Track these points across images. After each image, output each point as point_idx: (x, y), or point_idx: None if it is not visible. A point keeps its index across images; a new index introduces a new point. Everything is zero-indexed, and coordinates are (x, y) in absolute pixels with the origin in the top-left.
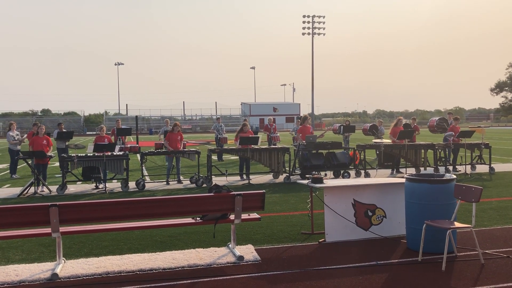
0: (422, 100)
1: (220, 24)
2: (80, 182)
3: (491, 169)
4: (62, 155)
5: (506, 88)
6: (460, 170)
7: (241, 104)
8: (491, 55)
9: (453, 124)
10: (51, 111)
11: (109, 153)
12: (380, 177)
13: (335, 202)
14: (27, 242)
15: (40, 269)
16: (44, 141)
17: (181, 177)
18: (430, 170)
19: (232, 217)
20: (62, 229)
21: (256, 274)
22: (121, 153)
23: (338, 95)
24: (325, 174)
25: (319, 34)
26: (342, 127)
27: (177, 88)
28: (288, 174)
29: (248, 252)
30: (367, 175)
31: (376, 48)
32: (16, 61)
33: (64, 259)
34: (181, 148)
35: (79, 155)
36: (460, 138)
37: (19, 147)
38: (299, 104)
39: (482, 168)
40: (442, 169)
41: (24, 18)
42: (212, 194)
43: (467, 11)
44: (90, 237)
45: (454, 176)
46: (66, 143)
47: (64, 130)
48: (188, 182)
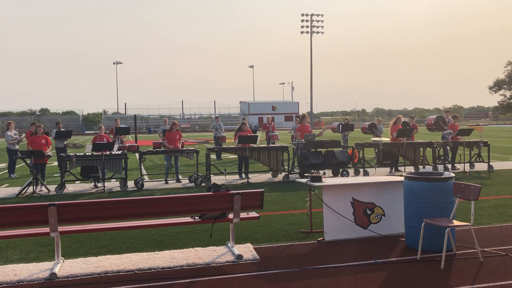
0: (421, 99)
1: (219, 23)
2: (78, 182)
3: (490, 167)
4: (61, 154)
5: (505, 86)
6: (459, 168)
7: (240, 103)
8: (490, 53)
9: (452, 122)
10: (50, 110)
11: (108, 152)
12: (379, 175)
13: (334, 201)
14: (25, 241)
15: (38, 269)
16: (43, 140)
17: (179, 176)
18: (428, 169)
19: (231, 216)
20: (61, 228)
21: (255, 273)
22: (119, 152)
23: (337, 94)
24: (324, 173)
25: (317, 32)
26: (341, 125)
27: (175, 87)
28: (287, 173)
29: (247, 251)
30: (366, 174)
31: (375, 46)
32: (15, 61)
33: (63, 258)
34: (180, 147)
35: (77, 154)
36: (458, 136)
37: (17, 147)
38: (298, 102)
39: (480, 166)
40: (440, 167)
41: (23, 18)
42: (210, 193)
43: (465, 9)
44: (89, 236)
45: (453, 174)
46: (65, 143)
47: (62, 130)
48: (187, 181)
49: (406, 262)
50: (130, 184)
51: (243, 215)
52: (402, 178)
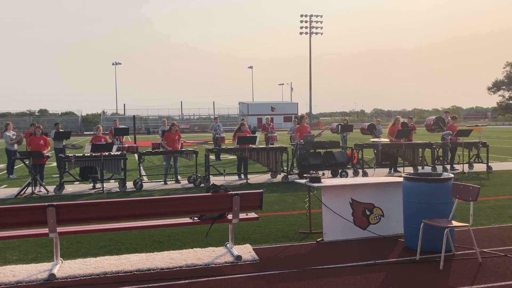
0: (420, 99)
1: (218, 24)
2: (77, 182)
3: (489, 168)
4: (60, 155)
5: (504, 87)
6: (458, 169)
7: (239, 104)
8: (489, 54)
9: (451, 123)
10: (49, 111)
11: (107, 153)
12: (378, 176)
13: (333, 202)
14: (24, 242)
15: (37, 270)
16: (42, 141)
17: (179, 177)
18: (427, 169)
19: (230, 216)
20: (60, 229)
21: (254, 274)
22: (118, 153)
23: (336, 94)
24: (323, 174)
25: (316, 33)
26: (340, 126)
27: (175, 88)
28: (286, 174)
29: (246, 251)
30: (365, 174)
31: (374, 47)
32: (14, 61)
33: (62, 259)
34: (179, 147)
35: (76, 155)
36: (457, 137)
37: (16, 147)
38: (297, 103)
39: (479, 167)
40: (439, 168)
41: (22, 18)
42: (210, 193)
43: (465, 10)
44: (88, 237)
45: (452, 175)
46: (64, 143)
47: (61, 130)
48: (186, 182)
49: (405, 263)
50: (129, 184)
51: (242, 215)
52: (401, 179)
